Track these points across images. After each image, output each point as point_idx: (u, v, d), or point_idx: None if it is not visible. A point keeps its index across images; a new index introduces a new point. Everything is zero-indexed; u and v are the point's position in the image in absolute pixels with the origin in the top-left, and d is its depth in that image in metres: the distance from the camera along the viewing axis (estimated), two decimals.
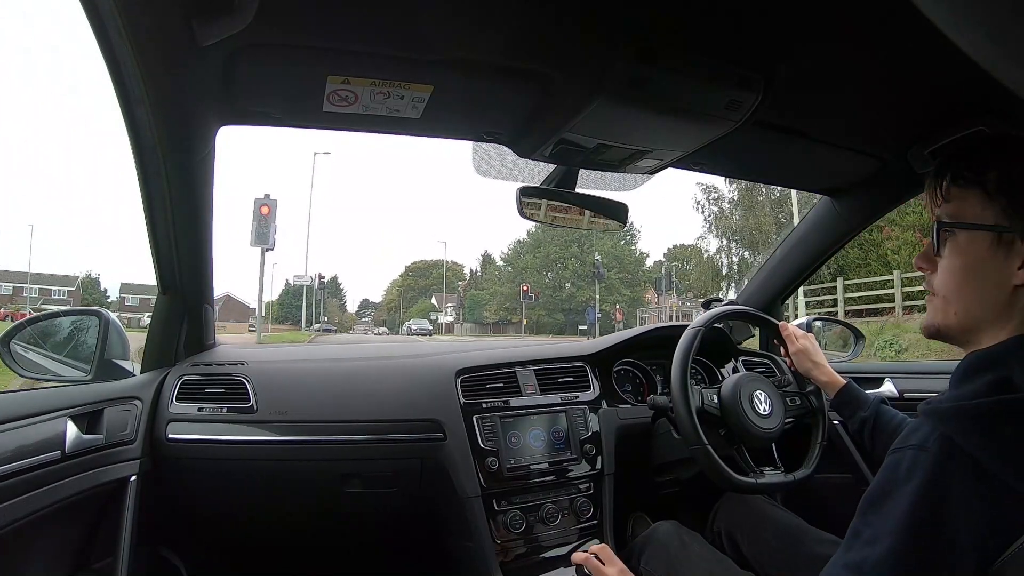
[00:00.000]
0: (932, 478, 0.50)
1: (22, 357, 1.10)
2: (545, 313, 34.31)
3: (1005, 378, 0.52)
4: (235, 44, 0.71)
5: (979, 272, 0.58)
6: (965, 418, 0.51)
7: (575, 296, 33.55)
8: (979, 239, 0.57)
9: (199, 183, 1.01)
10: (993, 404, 0.51)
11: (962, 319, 0.59)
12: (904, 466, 0.52)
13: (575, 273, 34.19)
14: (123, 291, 44.67)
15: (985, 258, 0.57)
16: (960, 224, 0.59)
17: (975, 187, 0.58)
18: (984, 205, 0.57)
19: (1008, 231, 0.55)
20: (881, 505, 0.52)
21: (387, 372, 1.33)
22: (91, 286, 42.50)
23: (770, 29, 0.76)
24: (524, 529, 1.18)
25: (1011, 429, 0.49)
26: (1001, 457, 0.48)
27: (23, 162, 72.86)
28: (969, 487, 0.49)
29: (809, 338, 1.18)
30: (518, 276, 35.37)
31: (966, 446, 0.49)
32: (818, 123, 1.04)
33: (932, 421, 0.53)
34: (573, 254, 34.09)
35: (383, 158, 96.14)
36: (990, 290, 0.57)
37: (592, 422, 1.31)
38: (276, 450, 1.19)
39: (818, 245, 1.51)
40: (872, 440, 1.03)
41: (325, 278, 25.32)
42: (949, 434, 0.51)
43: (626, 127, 0.92)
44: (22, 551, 0.88)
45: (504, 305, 35.96)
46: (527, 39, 0.77)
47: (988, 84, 0.29)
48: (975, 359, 0.57)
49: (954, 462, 0.50)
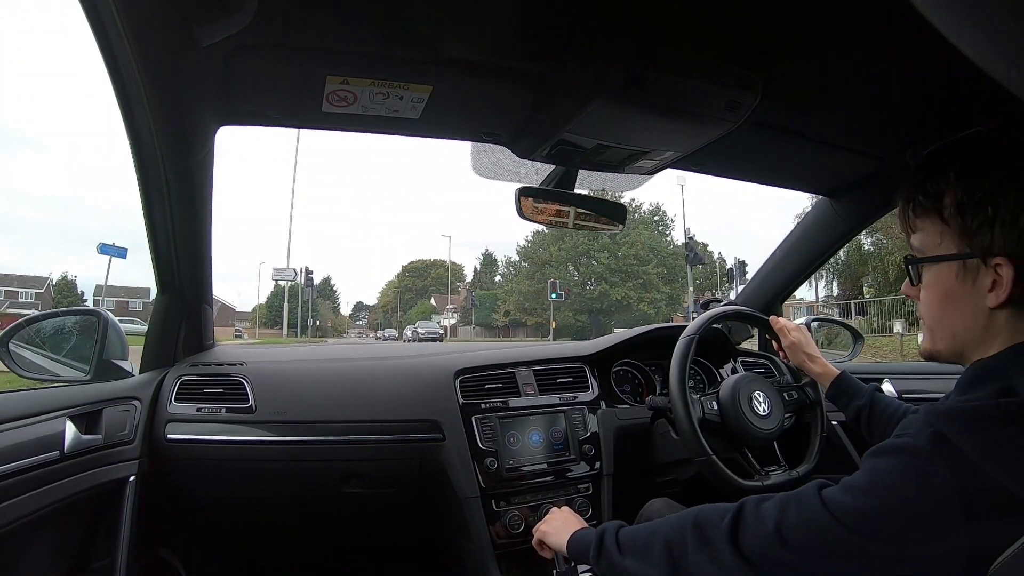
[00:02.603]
0: (917, 465, 0.51)
1: (21, 357, 1.10)
2: (572, 314, 29.61)
3: (1008, 387, 0.52)
4: (234, 44, 0.71)
5: (953, 300, 0.58)
6: (962, 418, 0.51)
7: (608, 294, 28.77)
8: (945, 269, 0.58)
9: (198, 183, 1.01)
10: (992, 407, 0.51)
11: (949, 344, 0.60)
12: (890, 446, 0.54)
13: (607, 268, 29.07)
14: (97, 293, 40.33)
15: (955, 286, 0.57)
16: (924, 259, 0.60)
17: (932, 215, 0.58)
18: (942, 233, 0.57)
19: (969, 256, 0.55)
20: (868, 491, 0.53)
21: (386, 372, 1.33)
22: (67, 288, 38.96)
23: (769, 30, 0.76)
24: (523, 530, 1.18)
25: (1008, 432, 0.49)
26: (995, 458, 0.48)
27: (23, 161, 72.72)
28: (950, 482, 0.49)
29: (801, 330, 1.18)
30: (538, 272, 30.76)
31: (961, 444, 0.50)
32: (816, 123, 1.04)
33: (929, 418, 0.53)
34: (604, 246, 28.66)
35: (380, 158, 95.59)
36: (967, 316, 0.57)
37: (591, 423, 1.31)
38: (275, 450, 1.19)
39: (817, 246, 1.51)
40: (869, 428, 1.03)
41: (313, 274, 22.65)
42: (943, 432, 0.51)
43: (625, 128, 0.92)
44: (21, 551, 0.88)
45: (523, 305, 31.41)
46: (526, 39, 0.77)
47: (986, 84, 0.29)
48: (979, 369, 0.57)
49: (941, 456, 0.50)
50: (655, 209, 31.08)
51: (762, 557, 0.57)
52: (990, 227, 0.53)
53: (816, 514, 0.54)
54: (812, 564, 0.55)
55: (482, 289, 39.83)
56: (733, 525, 0.60)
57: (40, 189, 68.41)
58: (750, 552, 0.58)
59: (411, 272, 55.51)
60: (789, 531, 0.56)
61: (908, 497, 0.50)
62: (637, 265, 28.68)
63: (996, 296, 0.54)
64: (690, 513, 0.66)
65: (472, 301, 34.21)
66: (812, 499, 0.56)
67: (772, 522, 0.57)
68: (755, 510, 0.59)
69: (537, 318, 31.02)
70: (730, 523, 0.60)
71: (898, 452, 0.53)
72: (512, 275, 34.73)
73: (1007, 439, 0.49)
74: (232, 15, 0.65)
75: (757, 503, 0.60)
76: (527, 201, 1.08)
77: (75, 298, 37.81)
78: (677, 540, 0.64)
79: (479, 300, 34.55)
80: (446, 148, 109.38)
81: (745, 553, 0.58)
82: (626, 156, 1.03)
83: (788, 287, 1.64)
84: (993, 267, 0.54)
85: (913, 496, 0.50)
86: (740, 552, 0.58)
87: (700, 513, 0.65)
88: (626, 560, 0.70)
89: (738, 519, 0.60)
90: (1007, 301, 0.54)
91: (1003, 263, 0.53)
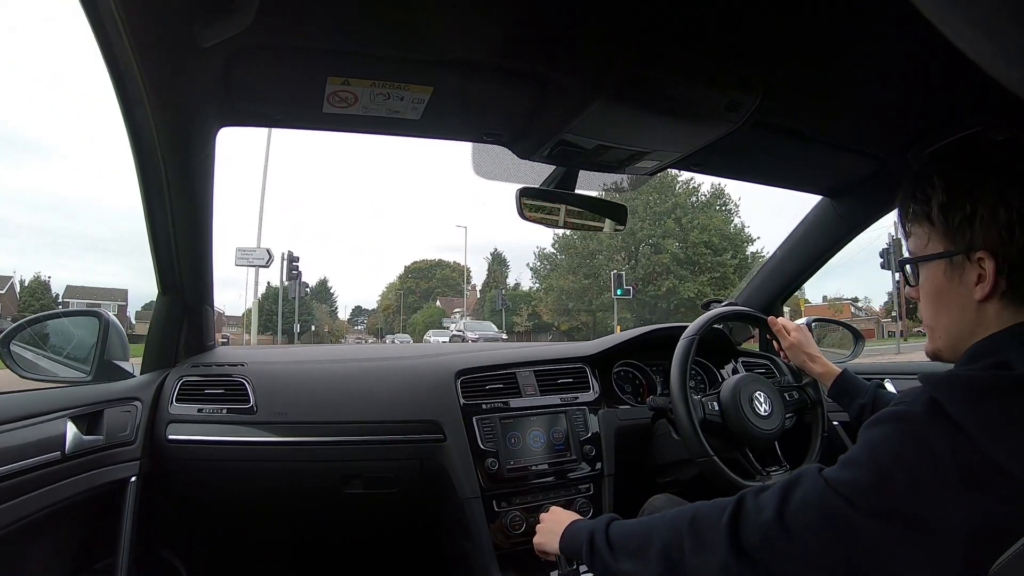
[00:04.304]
0: (913, 430, 0.51)
1: (22, 358, 1.10)
2: (631, 316, 23.59)
3: (1003, 361, 0.53)
4: (235, 45, 0.71)
5: (944, 297, 0.61)
6: (956, 386, 0.52)
7: (677, 291, 23.10)
8: (935, 268, 0.61)
9: (199, 184, 1.01)
10: (988, 377, 0.52)
11: (947, 341, 0.63)
12: (887, 414, 0.54)
13: (674, 258, 23.16)
14: (68, 295, 37.12)
15: (944, 284, 0.61)
16: (913, 259, 0.64)
17: (922, 219, 0.62)
18: (930, 234, 0.61)
19: (955, 253, 0.59)
20: (861, 462, 0.54)
21: (387, 373, 1.33)
22: (39, 290, 35.23)
23: (769, 30, 0.76)
24: (524, 530, 1.18)
25: (1001, 403, 0.50)
26: (986, 428, 0.49)
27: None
28: (946, 449, 0.49)
29: (801, 330, 1.18)
30: (584, 265, 25.52)
31: (953, 412, 0.50)
32: (817, 124, 1.04)
33: (925, 387, 0.54)
34: (669, 231, 22.92)
35: (378, 157, 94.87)
36: (958, 311, 0.60)
37: (592, 423, 1.31)
38: (276, 451, 1.19)
39: (817, 246, 1.51)
40: None
41: (299, 262, 17.31)
42: (938, 399, 0.51)
43: (625, 128, 0.92)
44: (23, 552, 0.88)
45: (564, 305, 26.06)
46: (527, 40, 0.77)
47: (987, 84, 0.29)
48: (977, 347, 0.58)
49: (936, 423, 0.50)
50: (717, 191, 25.33)
51: (763, 547, 0.56)
52: (970, 224, 0.57)
53: (817, 493, 0.54)
54: (813, 549, 0.54)
55: (496, 288, 36.17)
56: (732, 519, 0.59)
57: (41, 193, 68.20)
58: (750, 546, 0.57)
59: (414, 273, 52.21)
60: (791, 514, 0.55)
61: (907, 463, 0.50)
62: (711, 255, 23.65)
63: (981, 289, 0.57)
64: (687, 511, 0.65)
65: (503, 302, 28.65)
66: (813, 479, 0.56)
67: (772, 508, 0.56)
68: (755, 499, 0.59)
69: (574, 321, 26.18)
70: (729, 517, 0.59)
71: (894, 419, 0.53)
72: (547, 271, 28.40)
73: (999, 410, 0.49)
74: (233, 16, 0.66)
75: (756, 492, 0.60)
76: (528, 202, 1.08)
77: (48, 301, 34.69)
78: (674, 541, 0.63)
79: (510, 300, 29.56)
80: (447, 149, 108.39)
81: (746, 547, 0.57)
82: (626, 156, 1.03)
83: (789, 287, 1.64)
84: (976, 262, 0.57)
85: (912, 461, 0.50)
86: (740, 547, 0.57)
87: (698, 512, 0.64)
88: (620, 563, 0.68)
89: (737, 512, 0.59)
90: (992, 293, 0.56)
91: (985, 257, 0.56)
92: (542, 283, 29.04)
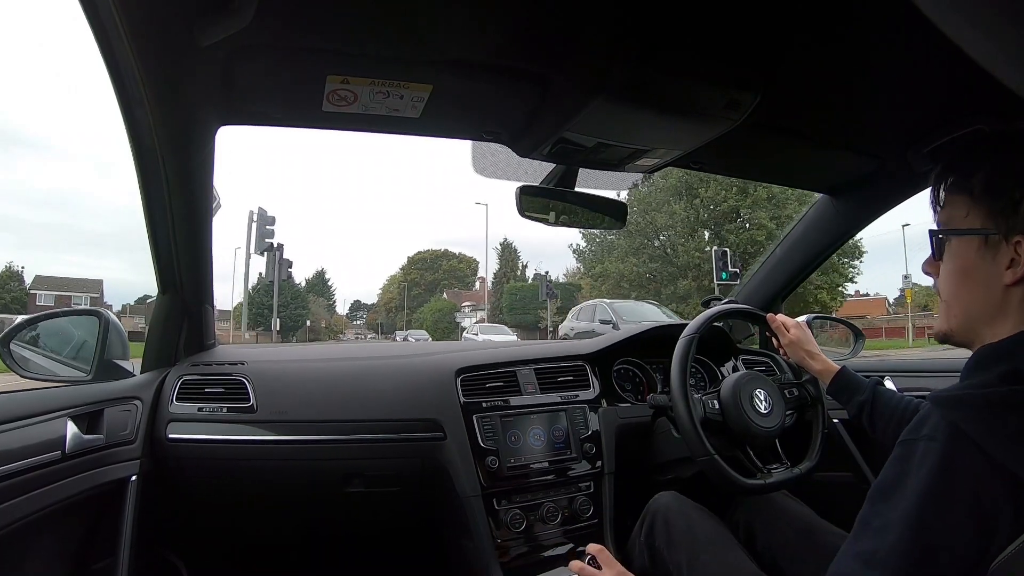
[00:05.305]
0: (941, 467, 0.51)
1: (22, 357, 1.10)
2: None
3: (1014, 370, 0.53)
4: (235, 44, 0.71)
5: (971, 274, 0.60)
6: (973, 406, 0.52)
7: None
8: (968, 243, 0.60)
9: (199, 183, 1.01)
10: (1005, 393, 0.52)
11: (962, 321, 0.62)
12: (916, 456, 0.53)
13: (770, 234, 17.48)
14: (36, 285, 34.42)
15: (975, 261, 0.59)
16: (948, 231, 0.62)
17: (962, 192, 0.60)
18: (969, 210, 0.60)
19: (993, 233, 0.58)
20: (891, 494, 0.53)
21: (387, 372, 1.33)
22: (10, 280, 33.46)
23: (769, 28, 0.76)
24: (524, 528, 1.18)
25: (1018, 419, 0.49)
26: (1008, 447, 0.49)
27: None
28: (975, 477, 0.49)
29: (801, 327, 1.18)
30: (645, 246, 20.19)
31: (972, 434, 0.50)
32: (817, 122, 1.04)
33: (940, 410, 0.54)
34: (758, 200, 17.86)
35: (378, 153, 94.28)
36: (983, 291, 0.59)
37: (592, 421, 1.31)
38: (276, 450, 1.19)
39: (817, 244, 1.52)
40: (871, 423, 1.03)
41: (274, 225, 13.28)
42: (956, 421, 0.51)
43: (625, 126, 0.92)
44: (23, 551, 0.88)
45: (622, 292, 19.59)
46: (526, 39, 0.77)
47: (987, 84, 0.29)
48: (986, 352, 0.58)
49: (961, 451, 0.50)
50: None
51: None
52: (1016, 208, 0.56)
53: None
54: None
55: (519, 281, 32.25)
56: None
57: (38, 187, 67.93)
58: None
59: (418, 264, 48.67)
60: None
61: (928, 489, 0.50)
62: None
63: (1013, 273, 0.56)
64: None
65: (550, 290, 21.68)
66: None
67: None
68: None
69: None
70: None
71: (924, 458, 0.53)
72: (594, 255, 22.86)
73: (1017, 426, 0.49)
74: (232, 15, 0.65)
75: None
76: (528, 199, 1.08)
77: (20, 293, 33.36)
78: None
79: (557, 289, 23.30)
80: (447, 146, 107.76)
81: None
82: (626, 155, 1.03)
83: (788, 285, 1.64)
84: (1013, 245, 0.56)
85: (934, 486, 0.50)
86: None
87: None
88: None
89: None
90: (1022, 279, 0.56)
91: (1023, 241, 0.56)
92: (589, 269, 23.65)
